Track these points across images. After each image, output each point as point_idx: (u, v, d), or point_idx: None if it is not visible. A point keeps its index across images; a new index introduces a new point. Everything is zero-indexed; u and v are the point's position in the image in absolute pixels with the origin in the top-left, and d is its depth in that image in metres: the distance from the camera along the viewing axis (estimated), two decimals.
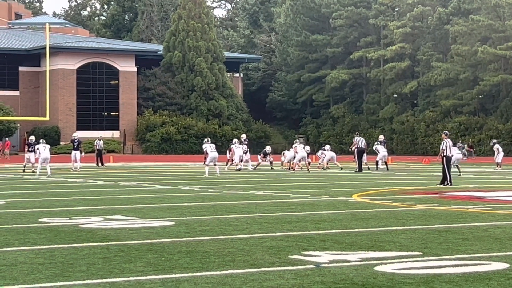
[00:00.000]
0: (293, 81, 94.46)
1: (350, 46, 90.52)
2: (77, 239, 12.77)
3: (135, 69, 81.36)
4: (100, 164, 49.06)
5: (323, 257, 10.75)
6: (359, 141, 41.73)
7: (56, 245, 11.98)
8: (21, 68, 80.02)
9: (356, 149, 41.58)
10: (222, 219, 16.06)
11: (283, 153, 46.07)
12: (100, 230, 14.01)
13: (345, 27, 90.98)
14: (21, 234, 13.36)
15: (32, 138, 44.27)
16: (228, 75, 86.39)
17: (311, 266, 10.01)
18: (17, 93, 79.36)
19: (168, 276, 9.27)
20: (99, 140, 50.59)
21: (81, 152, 43.31)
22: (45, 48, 62.32)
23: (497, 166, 45.81)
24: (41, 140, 39.31)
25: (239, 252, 11.26)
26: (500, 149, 47.41)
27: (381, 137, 47.10)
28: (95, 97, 79.32)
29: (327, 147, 46.94)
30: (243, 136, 48.15)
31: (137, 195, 23.52)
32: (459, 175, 35.39)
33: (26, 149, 44.28)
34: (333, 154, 45.64)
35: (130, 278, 9.10)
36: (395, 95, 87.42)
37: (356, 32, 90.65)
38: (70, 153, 45.03)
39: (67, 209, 18.47)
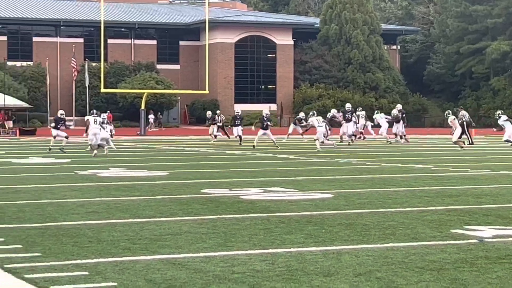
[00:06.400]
0: (452, 53, 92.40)
1: None
2: (238, 210, 13.01)
3: (292, 42, 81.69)
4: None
5: (486, 231, 10.54)
6: (464, 115, 40.52)
7: (218, 216, 12.26)
8: (181, 43, 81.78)
9: (463, 123, 40.00)
10: (381, 192, 15.99)
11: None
12: (260, 202, 14.22)
13: None
14: (184, 204, 13.73)
15: (209, 113, 46.09)
16: (385, 48, 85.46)
17: (474, 240, 9.84)
18: (177, 67, 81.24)
19: (329, 248, 9.31)
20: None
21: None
22: (204, 22, 63.46)
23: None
24: (91, 111, 33.99)
25: (399, 225, 11.19)
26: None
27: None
28: (253, 70, 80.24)
29: (362, 113, 46.11)
30: (399, 107, 46.91)
31: (295, 167, 23.70)
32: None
33: (214, 123, 46.27)
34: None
35: (292, 250, 9.20)
36: None
37: None
38: (228, 127, 46.18)
39: (227, 180, 18.83)
